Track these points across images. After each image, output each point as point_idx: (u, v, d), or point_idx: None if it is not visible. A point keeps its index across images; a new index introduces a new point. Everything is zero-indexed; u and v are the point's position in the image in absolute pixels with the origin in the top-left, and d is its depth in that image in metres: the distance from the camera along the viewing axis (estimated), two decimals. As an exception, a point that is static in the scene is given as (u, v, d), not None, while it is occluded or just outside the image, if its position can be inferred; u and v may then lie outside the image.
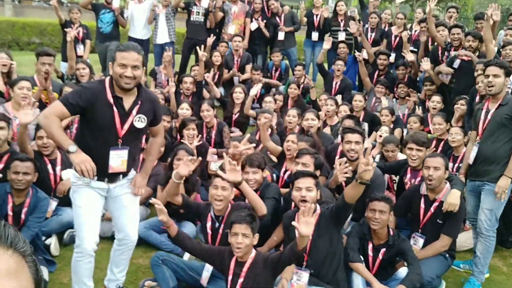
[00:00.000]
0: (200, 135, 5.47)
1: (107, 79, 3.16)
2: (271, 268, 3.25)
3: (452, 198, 3.88)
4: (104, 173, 3.19)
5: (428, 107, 6.51)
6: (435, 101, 6.43)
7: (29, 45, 12.86)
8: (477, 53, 6.43)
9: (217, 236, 3.75)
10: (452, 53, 6.82)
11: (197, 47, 7.16)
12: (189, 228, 4.43)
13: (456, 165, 5.17)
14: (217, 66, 7.94)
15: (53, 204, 4.41)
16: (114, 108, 3.12)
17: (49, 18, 13.30)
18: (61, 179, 4.50)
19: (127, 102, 3.16)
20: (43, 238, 4.17)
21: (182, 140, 5.34)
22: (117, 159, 3.20)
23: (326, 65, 9.46)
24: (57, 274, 3.88)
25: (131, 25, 8.57)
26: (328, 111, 6.35)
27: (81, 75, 6.16)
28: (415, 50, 8.20)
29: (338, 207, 3.50)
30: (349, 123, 5.40)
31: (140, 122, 3.22)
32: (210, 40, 7.69)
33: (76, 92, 3.11)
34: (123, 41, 8.93)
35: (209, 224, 3.80)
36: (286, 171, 4.90)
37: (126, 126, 3.17)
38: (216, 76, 7.93)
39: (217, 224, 3.77)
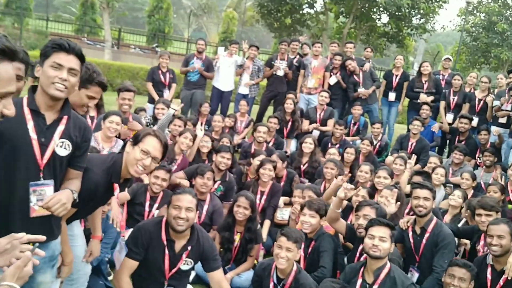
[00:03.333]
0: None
1: (164, 221, 3.35)
2: None
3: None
4: None
5: (510, 175, 6.13)
6: None
7: (122, 87, 13.84)
8: None
9: None
10: None
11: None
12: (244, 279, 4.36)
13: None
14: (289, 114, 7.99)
15: None
16: (166, 251, 3.30)
17: (143, 63, 14.28)
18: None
19: (179, 245, 3.34)
20: (108, 265, 4.28)
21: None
22: None
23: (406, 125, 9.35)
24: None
25: (217, 75, 9.05)
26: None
27: (159, 113, 6.55)
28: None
29: None
30: (417, 179, 5.21)
31: (186, 265, 3.39)
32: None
33: (134, 237, 3.29)
34: (208, 90, 9.45)
35: (271, 285, 3.66)
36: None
37: (174, 270, 3.35)
38: (289, 125, 7.98)
39: (278, 287, 3.65)
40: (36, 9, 24.86)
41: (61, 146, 2.42)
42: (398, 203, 4.68)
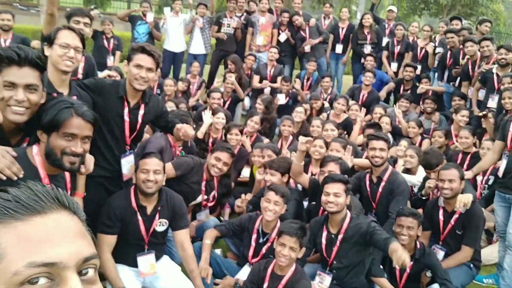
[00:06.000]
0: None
1: (132, 189, 3.40)
2: None
3: (464, 197, 3.86)
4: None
5: (455, 120, 6.50)
6: (465, 116, 6.40)
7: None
8: (510, 67, 6.44)
9: (259, 252, 3.79)
10: (485, 66, 6.81)
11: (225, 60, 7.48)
12: (211, 222, 4.45)
13: (485, 177, 5.20)
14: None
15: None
16: (139, 216, 3.36)
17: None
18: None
19: (149, 208, 3.41)
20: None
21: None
22: (146, 264, 3.40)
23: (351, 77, 9.63)
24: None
25: (166, 37, 8.90)
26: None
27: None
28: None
29: (376, 244, 3.44)
30: (369, 131, 5.47)
31: (161, 226, 3.45)
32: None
33: (106, 212, 3.30)
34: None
35: (254, 236, 3.84)
36: (313, 175, 4.90)
37: (150, 231, 3.41)
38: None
39: (261, 240, 3.81)
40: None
41: None
42: (352, 158, 4.86)
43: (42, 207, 0.82)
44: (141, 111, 3.37)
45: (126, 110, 3.29)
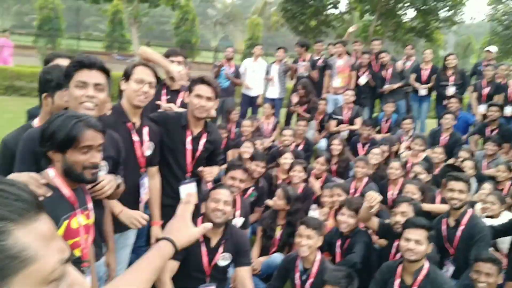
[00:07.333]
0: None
1: (200, 219, 3.48)
2: None
3: None
4: None
5: None
6: None
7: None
8: None
9: None
10: None
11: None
12: (278, 259, 4.31)
13: None
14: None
15: None
16: (203, 247, 3.40)
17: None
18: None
19: (214, 240, 3.45)
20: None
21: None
22: None
23: (435, 121, 9.22)
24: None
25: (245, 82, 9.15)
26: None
27: None
28: None
29: None
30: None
31: (223, 260, 3.46)
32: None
33: None
34: (238, 97, 9.58)
35: (297, 275, 3.73)
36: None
37: (212, 264, 3.43)
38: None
39: (304, 277, 3.69)
40: (68, 29, 25.67)
41: None
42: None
43: (38, 205, 0.84)
44: (203, 140, 3.53)
45: (189, 139, 3.47)
